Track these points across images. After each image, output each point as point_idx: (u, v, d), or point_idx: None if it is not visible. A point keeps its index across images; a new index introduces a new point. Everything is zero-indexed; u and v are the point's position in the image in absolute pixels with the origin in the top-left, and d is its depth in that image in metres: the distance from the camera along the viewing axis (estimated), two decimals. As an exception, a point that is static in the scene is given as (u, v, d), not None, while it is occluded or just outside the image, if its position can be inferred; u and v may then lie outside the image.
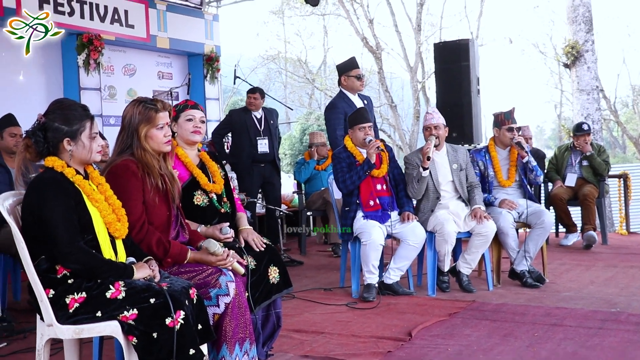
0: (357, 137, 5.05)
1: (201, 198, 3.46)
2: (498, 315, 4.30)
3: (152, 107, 3.07)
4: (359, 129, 5.03)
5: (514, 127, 5.28)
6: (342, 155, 5.09)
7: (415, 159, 5.06)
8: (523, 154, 5.19)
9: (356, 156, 5.04)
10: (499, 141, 5.40)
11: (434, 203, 5.05)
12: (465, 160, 5.20)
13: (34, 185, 2.64)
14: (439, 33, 23.45)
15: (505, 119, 5.32)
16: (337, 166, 5.08)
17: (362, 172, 4.91)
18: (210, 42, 10.12)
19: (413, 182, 4.98)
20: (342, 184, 5.01)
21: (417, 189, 4.98)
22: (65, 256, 2.57)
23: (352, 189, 4.97)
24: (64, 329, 2.58)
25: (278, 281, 3.43)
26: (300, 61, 27.93)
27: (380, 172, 5.00)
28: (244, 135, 6.84)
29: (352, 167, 4.99)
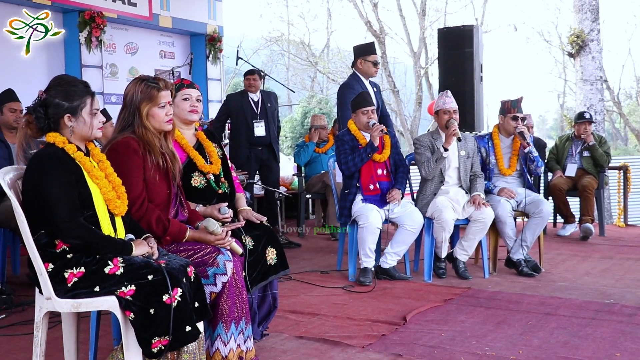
0: (361, 121, 5.06)
1: (199, 179, 3.46)
2: (493, 303, 4.33)
3: (154, 86, 3.08)
4: (362, 112, 5.04)
5: (519, 117, 5.28)
6: (346, 138, 5.10)
7: (427, 141, 5.08)
8: (525, 144, 5.19)
9: (359, 139, 5.05)
10: (502, 129, 5.40)
11: (437, 186, 5.06)
12: (473, 149, 5.21)
13: (34, 160, 2.65)
14: (444, 18, 23.37)
15: (511, 107, 5.31)
16: (340, 148, 5.09)
17: (364, 154, 4.92)
18: (213, 22, 10.08)
19: (429, 163, 4.98)
20: (344, 165, 5.03)
21: (432, 169, 4.99)
22: (64, 231, 2.59)
23: (353, 170, 4.99)
24: (62, 302, 2.61)
25: (275, 262, 3.45)
26: (303, 44, 27.83)
27: (382, 157, 5.01)
28: (241, 118, 6.83)
29: (354, 150, 5.01)
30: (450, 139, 4.93)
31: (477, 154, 5.27)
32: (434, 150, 5.06)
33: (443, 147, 4.94)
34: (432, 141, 5.11)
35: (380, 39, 21.61)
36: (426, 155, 5.06)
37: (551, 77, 38.53)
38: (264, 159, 6.95)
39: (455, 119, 5.05)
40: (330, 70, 26.67)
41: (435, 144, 5.08)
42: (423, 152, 5.07)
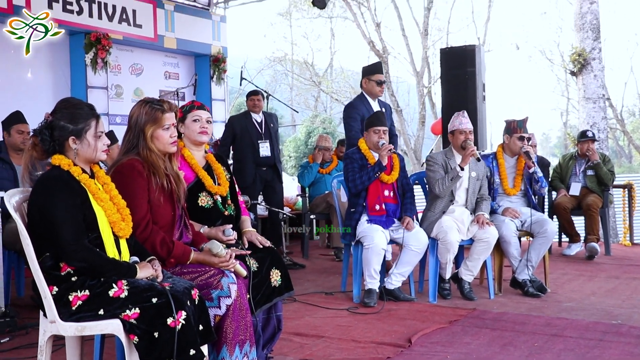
0: (372, 140, 5.07)
1: (206, 200, 3.48)
2: (498, 324, 4.30)
3: (158, 108, 3.09)
4: (374, 131, 5.05)
5: (525, 137, 5.28)
6: (355, 156, 5.11)
7: (441, 159, 5.09)
8: (530, 164, 5.19)
9: (369, 159, 5.06)
10: (507, 149, 5.41)
11: (447, 205, 5.06)
12: (484, 172, 5.21)
13: (40, 183, 2.66)
14: (446, 38, 23.48)
15: (517, 127, 5.32)
16: (348, 166, 5.10)
17: (372, 173, 4.93)
18: (217, 43, 10.15)
19: (443, 181, 4.97)
20: (351, 183, 5.04)
21: (447, 187, 4.98)
22: (69, 254, 2.59)
23: (360, 189, 4.99)
24: (67, 326, 2.60)
25: (279, 284, 3.44)
26: (307, 63, 27.98)
27: (390, 178, 5.01)
28: (246, 139, 6.85)
29: (363, 169, 5.02)
30: (467, 159, 4.94)
31: (485, 178, 5.26)
32: (447, 168, 5.06)
33: (459, 166, 4.94)
34: (446, 160, 5.11)
35: (383, 58, 21.71)
36: (440, 173, 5.06)
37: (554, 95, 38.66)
38: (268, 179, 6.95)
39: (470, 139, 5.07)
40: (333, 90, 26.78)
41: (449, 162, 5.08)
42: (437, 170, 5.07)
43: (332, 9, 24.46)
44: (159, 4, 9.19)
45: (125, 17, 8.63)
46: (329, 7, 21.28)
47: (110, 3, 8.42)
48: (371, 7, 21.71)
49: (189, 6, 9.85)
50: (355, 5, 21.76)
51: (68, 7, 7.87)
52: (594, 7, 11.76)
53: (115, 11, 8.49)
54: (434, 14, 22.30)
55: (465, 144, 5.03)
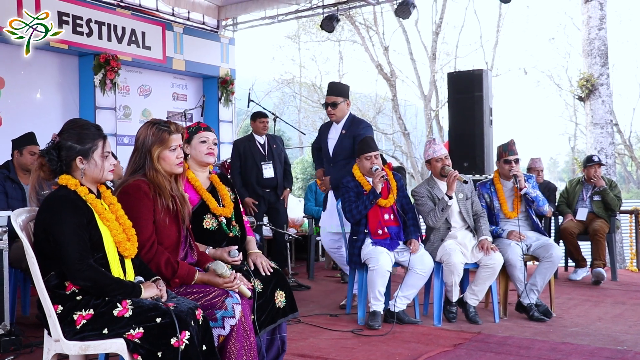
0: (364, 166, 5.08)
1: (210, 222, 3.49)
2: (503, 348, 4.27)
3: (165, 129, 3.13)
4: (365, 158, 5.07)
5: (511, 160, 5.31)
6: (350, 185, 5.11)
7: (425, 191, 5.09)
8: (519, 185, 5.21)
9: (364, 185, 5.07)
10: (501, 173, 5.44)
11: (444, 233, 5.06)
12: (470, 189, 5.22)
13: (47, 202, 2.69)
14: (454, 62, 23.57)
15: (502, 151, 5.37)
16: (344, 195, 5.10)
17: (367, 202, 4.93)
18: (225, 65, 10.25)
19: (434, 213, 4.97)
20: (348, 213, 5.04)
21: (439, 218, 4.98)
22: (75, 273, 2.61)
23: (358, 218, 4.99)
24: (71, 344, 2.61)
25: (284, 305, 3.45)
26: (315, 86, 28.11)
27: (387, 202, 5.01)
28: (250, 161, 6.89)
29: (359, 197, 5.02)
30: (453, 186, 4.94)
31: (475, 194, 5.28)
32: (434, 198, 5.07)
33: (447, 195, 4.95)
34: (430, 190, 5.11)
35: (391, 81, 21.83)
36: (429, 205, 5.06)
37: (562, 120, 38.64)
38: (271, 201, 6.96)
39: (448, 164, 5.08)
40: (341, 112, 26.81)
41: (434, 192, 5.09)
42: (425, 202, 5.08)
43: (341, 32, 24.62)
44: (168, 26, 9.31)
45: (135, 38, 8.73)
46: (338, 31, 21.45)
47: (120, 25, 8.54)
48: (379, 31, 21.87)
49: (197, 28, 9.97)
50: (363, 29, 21.92)
51: (78, 28, 7.99)
52: (602, 33, 11.82)
53: (125, 33, 8.60)
54: (442, 38, 22.42)
55: (445, 170, 5.04)
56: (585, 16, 11.97)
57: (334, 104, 5.58)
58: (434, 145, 5.17)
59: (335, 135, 5.64)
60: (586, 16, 11.93)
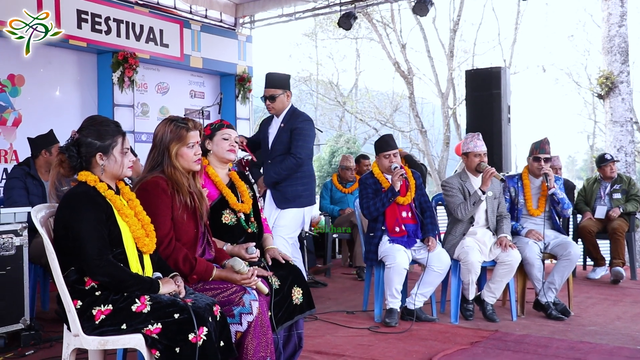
0: (383, 164, 5.08)
1: (229, 217, 3.51)
2: (520, 347, 4.25)
3: (183, 126, 3.14)
4: (384, 156, 5.07)
5: (541, 158, 5.27)
6: (369, 182, 5.11)
7: (457, 183, 5.08)
8: (547, 185, 5.18)
9: (382, 183, 5.06)
10: (530, 170, 5.40)
11: (467, 227, 5.04)
12: (499, 189, 5.20)
13: (66, 198, 2.71)
14: (472, 60, 23.44)
15: (534, 149, 5.33)
16: (362, 192, 5.11)
17: (385, 199, 4.93)
18: (242, 62, 10.27)
19: (465, 206, 4.96)
20: (365, 210, 5.04)
21: (470, 211, 4.98)
22: (94, 269, 2.63)
23: (375, 215, 4.99)
24: (90, 339, 2.64)
25: (301, 302, 3.45)
26: (332, 84, 28.11)
27: (405, 199, 5.01)
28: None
29: (377, 194, 5.02)
30: (488, 182, 4.94)
31: (502, 195, 5.26)
32: (464, 192, 5.05)
33: (481, 189, 4.94)
34: (462, 183, 5.10)
35: (408, 79, 21.77)
36: (459, 197, 5.04)
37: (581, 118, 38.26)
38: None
39: (485, 161, 5.07)
40: (358, 110, 26.85)
41: (465, 185, 5.07)
42: (455, 195, 5.05)
43: (358, 30, 24.60)
44: (186, 24, 9.35)
45: (153, 36, 8.78)
46: (355, 28, 21.40)
47: (138, 23, 8.58)
48: (397, 29, 21.82)
49: (215, 26, 10.00)
50: (380, 27, 21.87)
51: (97, 26, 8.04)
52: (623, 30, 11.71)
53: (143, 31, 8.65)
54: (459, 35, 22.31)
55: (481, 167, 5.03)
56: (605, 13, 11.86)
57: (272, 97, 5.15)
58: (477, 140, 5.15)
59: (274, 129, 5.28)
60: (606, 13, 11.82)
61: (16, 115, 7.53)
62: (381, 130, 25.87)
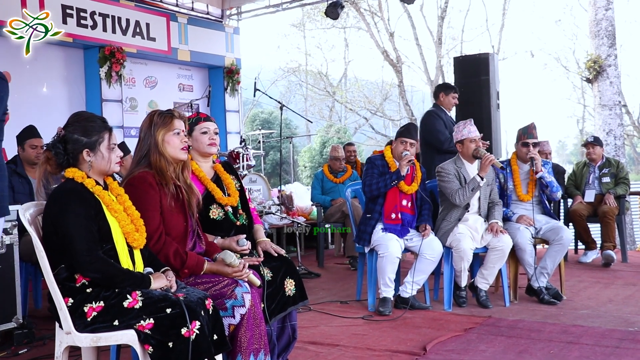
0: (397, 149, 5.07)
1: (217, 212, 3.49)
2: (514, 332, 4.27)
3: (168, 114, 3.17)
4: (401, 141, 5.06)
5: (530, 143, 5.28)
6: (377, 162, 5.12)
7: (452, 169, 5.08)
8: (536, 169, 5.19)
9: (391, 167, 5.06)
10: (519, 156, 5.41)
11: (462, 212, 5.05)
12: (492, 177, 5.21)
13: (54, 195, 2.69)
14: (460, 46, 23.46)
15: (522, 134, 5.34)
16: (368, 170, 5.10)
17: (389, 181, 4.93)
18: (230, 54, 10.24)
19: (463, 192, 4.95)
20: (367, 187, 5.04)
21: (467, 197, 4.98)
22: (84, 265, 2.61)
23: (375, 194, 4.98)
24: (82, 337, 2.63)
25: (294, 293, 3.45)
26: (321, 74, 28.04)
27: (410, 188, 5.01)
28: None
29: (382, 176, 5.02)
30: (487, 168, 4.94)
31: (495, 182, 5.27)
32: (460, 178, 5.06)
33: (479, 175, 4.94)
34: (457, 169, 5.10)
35: (397, 67, 21.75)
36: (456, 183, 5.04)
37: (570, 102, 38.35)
38: None
39: (481, 146, 5.08)
40: (348, 99, 26.82)
41: (461, 172, 5.08)
42: (452, 180, 5.05)
43: (346, 19, 24.53)
44: (172, 17, 9.29)
45: (139, 30, 8.73)
46: (342, 18, 21.36)
47: (124, 17, 8.53)
48: (384, 17, 21.77)
49: (202, 18, 9.95)
50: (368, 15, 21.83)
51: (82, 21, 7.98)
52: (609, 13, 11.73)
53: (129, 25, 8.59)
54: (447, 22, 22.31)
55: (479, 152, 5.03)
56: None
57: None
58: (470, 125, 5.15)
59: None
60: (593, -4, 11.83)
61: (3, 113, 7.46)
62: (371, 119, 25.87)
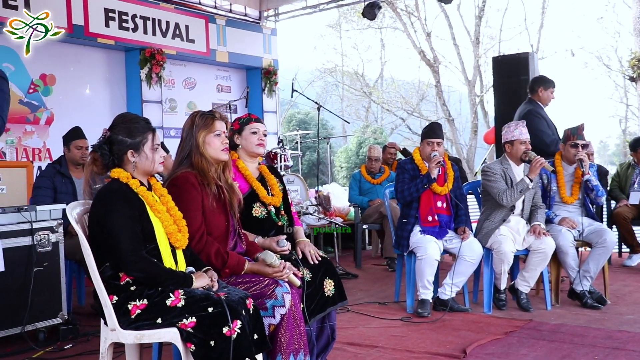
0: (425, 151, 5.04)
1: (259, 210, 3.52)
2: (556, 336, 4.20)
3: (209, 115, 3.20)
4: (427, 143, 5.03)
5: (579, 144, 5.17)
6: (407, 167, 5.09)
7: (499, 169, 5.02)
8: (582, 171, 5.09)
9: (421, 170, 5.03)
10: (564, 157, 5.31)
11: (507, 214, 4.99)
12: (536, 179, 5.13)
13: (100, 195, 2.74)
14: (498, 46, 23.19)
15: (571, 135, 5.22)
16: (399, 176, 5.08)
17: (420, 185, 4.90)
18: (268, 55, 10.29)
19: (511, 193, 4.88)
20: (399, 194, 5.02)
21: (515, 198, 4.91)
22: (128, 264, 2.65)
23: (408, 200, 4.96)
24: (126, 334, 2.67)
25: (333, 294, 3.44)
26: (357, 74, 28.01)
27: (443, 189, 4.97)
28: None
29: (414, 180, 5.00)
30: (537, 171, 4.87)
31: (538, 185, 5.18)
32: (506, 179, 5.00)
33: (528, 177, 4.87)
34: (504, 170, 5.04)
35: (434, 67, 21.60)
36: (502, 183, 4.97)
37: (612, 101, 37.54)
38: None
39: (530, 148, 5.01)
40: (384, 100, 26.73)
41: (507, 172, 5.01)
42: (499, 180, 4.98)
43: (382, 20, 24.47)
44: (211, 19, 9.39)
45: (179, 32, 8.84)
46: (379, 18, 21.26)
47: (164, 19, 8.65)
48: (421, 17, 21.65)
49: (240, 20, 10.02)
50: (405, 15, 21.73)
51: (124, 24, 8.12)
52: (653, 10, 11.47)
53: (169, 27, 8.71)
54: (485, 22, 22.10)
55: (529, 155, 4.96)
56: (635, -6, 11.61)
57: None
58: (521, 127, 5.08)
59: None
60: (637, -6, 11.57)
61: (49, 114, 7.65)
62: (408, 119, 25.75)
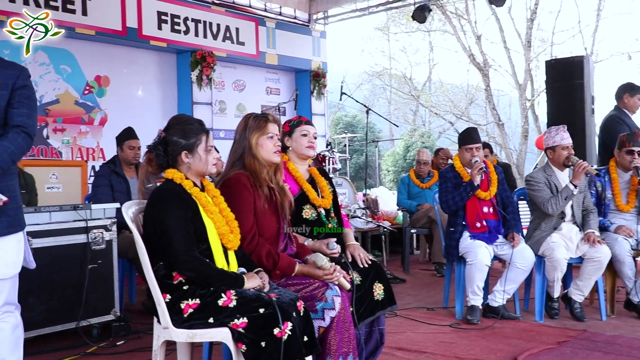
0: (465, 158, 4.98)
1: (310, 212, 3.53)
2: (612, 348, 4.08)
3: (262, 118, 3.23)
4: (466, 149, 4.97)
5: (635, 150, 5.03)
6: (449, 175, 5.03)
7: (543, 178, 4.93)
8: (638, 179, 4.94)
9: (463, 177, 4.97)
10: (619, 164, 5.17)
11: (557, 222, 4.89)
12: (584, 183, 5.01)
13: (154, 196, 2.78)
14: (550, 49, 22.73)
15: (626, 141, 5.08)
16: (442, 185, 5.03)
17: (464, 193, 4.84)
18: (317, 58, 10.32)
19: (556, 201, 4.78)
20: (444, 203, 4.96)
21: (561, 206, 4.81)
22: (181, 264, 2.69)
23: (454, 209, 4.90)
24: (179, 332, 2.70)
25: (382, 298, 3.43)
26: (405, 77, 27.85)
27: (487, 194, 4.89)
28: None
29: (458, 188, 4.93)
30: (581, 176, 4.76)
31: (587, 189, 5.06)
32: (550, 186, 4.89)
33: (572, 183, 4.77)
34: (547, 177, 4.94)
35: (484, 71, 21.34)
36: (547, 192, 4.87)
37: (669, 107, 36.36)
38: None
39: (573, 153, 4.90)
40: (432, 103, 26.50)
41: (551, 180, 4.91)
42: (543, 189, 4.89)
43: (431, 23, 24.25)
44: (261, 22, 9.47)
45: (229, 35, 8.94)
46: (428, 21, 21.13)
47: (215, 22, 8.77)
48: (471, 20, 21.41)
49: (289, 23, 10.08)
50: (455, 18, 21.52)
51: (176, 27, 8.26)
52: None
53: (220, 30, 8.82)
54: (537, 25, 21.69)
55: (571, 160, 4.85)
56: (696, -4, 11.25)
57: None
58: (563, 132, 4.97)
59: None
60: (697, -4, 11.21)
61: (102, 115, 7.82)
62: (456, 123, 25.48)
